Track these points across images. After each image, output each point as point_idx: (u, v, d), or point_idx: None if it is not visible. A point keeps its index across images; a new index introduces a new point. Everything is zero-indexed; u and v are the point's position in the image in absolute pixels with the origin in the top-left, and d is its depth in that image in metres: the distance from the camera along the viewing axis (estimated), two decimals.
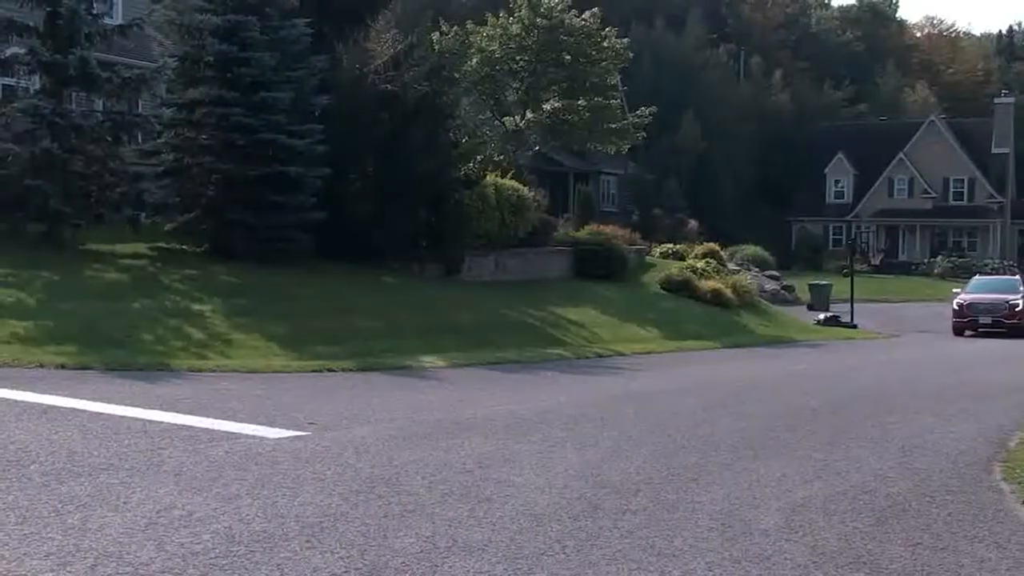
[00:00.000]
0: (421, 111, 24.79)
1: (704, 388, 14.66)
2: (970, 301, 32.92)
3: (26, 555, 5.01)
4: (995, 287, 34.33)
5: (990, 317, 32.22)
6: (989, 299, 32.82)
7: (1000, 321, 32.10)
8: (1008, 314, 32.16)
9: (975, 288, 34.48)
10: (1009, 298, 32.69)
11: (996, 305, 32.40)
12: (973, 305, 32.76)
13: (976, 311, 32.58)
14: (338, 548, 5.43)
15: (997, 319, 32.17)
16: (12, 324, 14.36)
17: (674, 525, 6.29)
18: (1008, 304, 32.38)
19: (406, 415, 10.44)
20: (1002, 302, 32.43)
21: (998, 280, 36.90)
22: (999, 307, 32.34)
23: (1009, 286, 34.18)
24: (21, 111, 20.04)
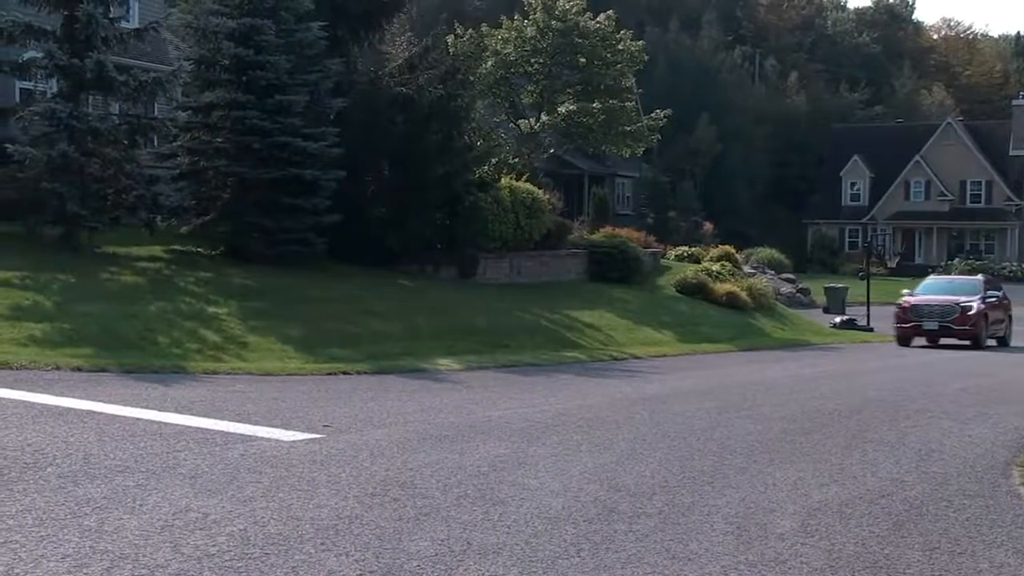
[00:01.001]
0: (436, 114, 24.82)
1: (719, 391, 14.62)
2: (915, 303, 28.05)
3: (43, 557, 5.02)
4: (949, 288, 29.39)
5: (937, 322, 27.36)
6: (938, 301, 27.86)
7: (949, 327, 27.24)
8: (960, 319, 27.22)
9: (926, 289, 29.69)
10: (962, 300, 27.65)
11: (946, 308, 27.43)
12: (918, 308, 27.78)
13: (921, 315, 27.64)
14: (353, 551, 5.43)
15: (946, 324, 27.25)
16: (29, 326, 14.42)
17: (689, 528, 6.27)
18: (960, 307, 27.37)
19: (421, 418, 10.44)
20: (952, 304, 27.45)
21: (954, 280, 32.18)
22: (949, 310, 27.34)
23: (967, 287, 29.27)
24: (38, 114, 20.14)
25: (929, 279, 32.48)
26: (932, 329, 27.45)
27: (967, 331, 27.20)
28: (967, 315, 27.23)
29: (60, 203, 19.64)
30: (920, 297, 28.50)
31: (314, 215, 22.07)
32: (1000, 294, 29.83)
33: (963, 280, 31.66)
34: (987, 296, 28.34)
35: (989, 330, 28.02)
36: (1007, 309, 30.20)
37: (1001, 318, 29.46)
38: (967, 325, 27.14)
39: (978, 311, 27.42)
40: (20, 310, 15.24)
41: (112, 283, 18.19)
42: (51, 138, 20.01)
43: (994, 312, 28.65)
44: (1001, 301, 29.58)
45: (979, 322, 27.32)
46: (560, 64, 38.36)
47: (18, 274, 17.21)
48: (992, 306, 28.53)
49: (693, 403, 12.86)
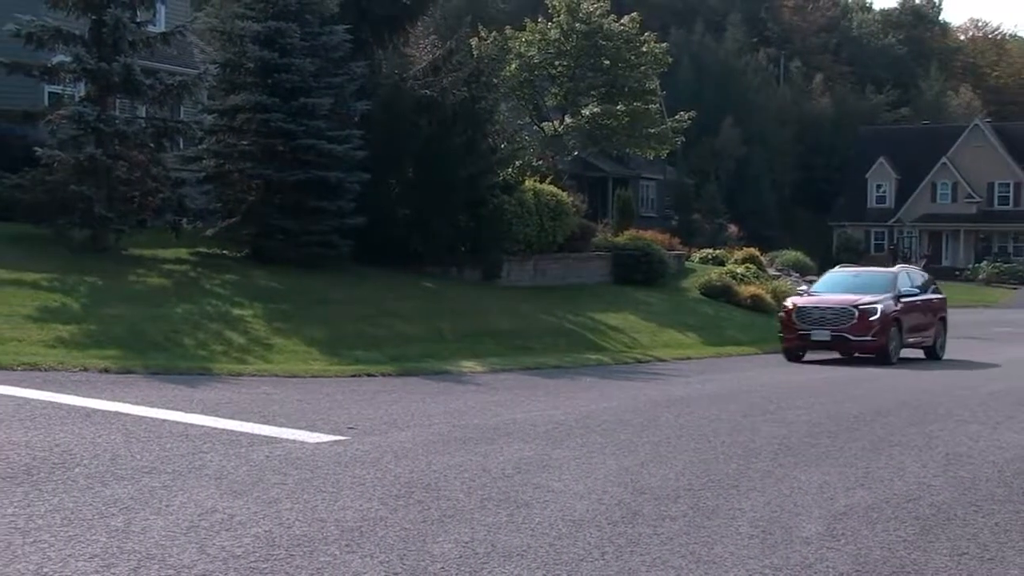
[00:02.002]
0: (460, 116, 24.85)
1: (744, 394, 14.57)
2: (802, 306, 21.78)
3: (71, 556, 5.06)
4: (853, 284, 22.93)
5: (829, 331, 21.02)
6: (832, 302, 21.56)
7: (844, 337, 20.92)
8: (858, 326, 20.78)
9: (826, 285, 23.60)
10: (864, 300, 21.22)
11: (840, 312, 21.07)
12: (805, 312, 21.48)
13: (808, 322, 21.31)
14: (378, 552, 5.44)
15: (840, 334, 20.92)
16: (57, 328, 14.52)
17: (714, 532, 6.25)
18: (858, 310, 20.89)
19: (445, 420, 10.45)
20: (847, 307, 21.07)
21: (861, 274, 24.62)
22: (844, 315, 21.01)
23: (877, 283, 22.70)
24: (67, 118, 20.29)
25: (832, 272, 25.39)
26: (822, 340, 21.17)
27: (868, 343, 20.89)
28: (868, 321, 20.82)
29: (87, 206, 19.77)
30: (810, 298, 22.47)
31: (338, 217, 22.14)
32: (927, 294, 23.71)
33: (874, 273, 24.50)
34: (903, 295, 22.02)
35: (905, 339, 21.87)
36: (938, 312, 23.84)
37: (926, 323, 23.03)
38: (867, 334, 20.77)
39: (884, 315, 20.99)
40: (48, 312, 15.36)
41: (138, 285, 18.30)
42: (79, 141, 20.16)
43: (912, 316, 22.20)
44: (928, 303, 23.43)
45: (885, 330, 20.92)
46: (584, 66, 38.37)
47: (46, 276, 17.34)
48: (910, 308, 22.12)
49: (717, 406, 12.81)
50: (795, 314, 21.63)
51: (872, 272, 24.98)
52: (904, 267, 26.21)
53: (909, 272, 24.62)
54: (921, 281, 24.12)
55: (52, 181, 19.94)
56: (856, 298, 21.52)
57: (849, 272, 24.95)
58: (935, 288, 25.01)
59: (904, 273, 23.89)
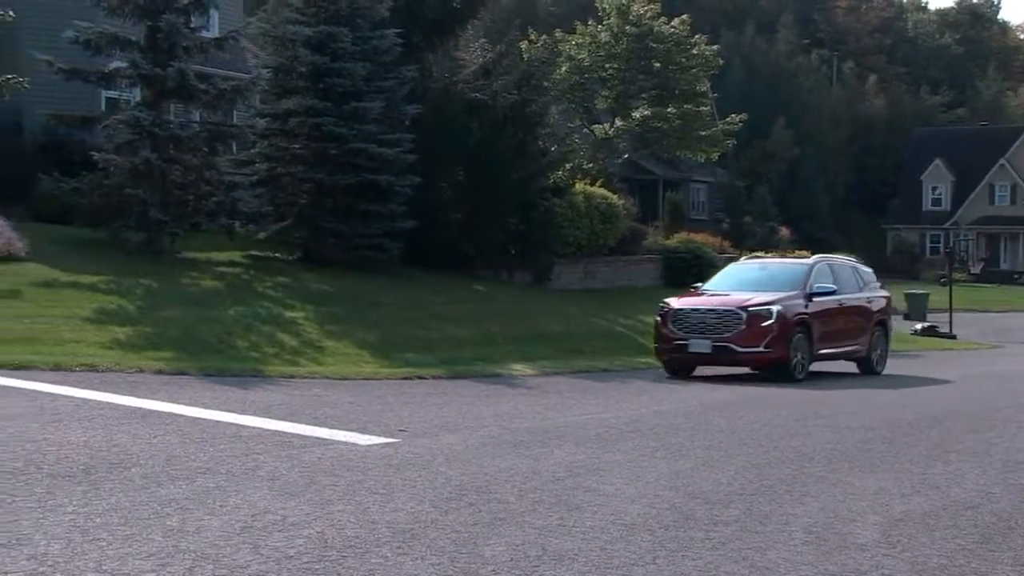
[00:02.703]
0: (510, 120, 24.90)
1: (796, 398, 14.42)
2: (680, 308, 17.25)
3: (129, 554, 5.12)
4: (758, 279, 18.31)
5: (710, 341, 16.59)
6: (716, 303, 17.22)
7: (727, 348, 16.53)
8: (746, 334, 16.45)
9: (725, 281, 18.80)
10: (755, 301, 16.88)
11: (725, 316, 16.74)
12: (682, 316, 17.04)
13: (686, 327, 16.86)
14: (429, 555, 5.45)
15: (724, 344, 16.53)
16: (114, 330, 14.73)
17: (768, 537, 6.19)
18: (748, 314, 16.55)
19: (496, 423, 10.45)
20: (734, 309, 16.73)
21: (768, 266, 19.72)
22: (729, 320, 16.66)
23: (786, 278, 18.11)
24: (123, 122, 20.59)
25: (737, 264, 20.55)
26: (702, 352, 16.71)
27: (759, 354, 16.56)
28: (759, 327, 16.45)
29: (143, 209, 20.04)
30: (691, 298, 17.91)
31: (390, 220, 22.25)
32: (858, 292, 19.12)
33: (784, 266, 19.64)
34: (816, 293, 17.54)
35: (817, 349, 17.39)
36: (873, 316, 19.28)
37: (852, 329, 18.56)
38: (758, 344, 16.43)
39: (784, 319, 16.59)
40: (105, 314, 15.59)
41: (192, 288, 18.51)
42: (135, 146, 20.45)
43: (830, 320, 17.82)
44: (857, 304, 18.89)
45: (784, 337, 16.56)
46: (634, 69, 38.27)
47: (103, 278, 17.60)
48: (826, 310, 17.70)
49: (769, 410, 12.71)
50: (671, 319, 17.02)
51: (782, 264, 20.00)
52: (827, 257, 20.32)
53: (835, 264, 19.36)
54: (852, 276, 19.37)
55: (108, 185, 20.24)
56: (746, 298, 17.01)
57: (755, 264, 19.90)
58: (876, 286, 20.41)
59: (823, 265, 18.69)
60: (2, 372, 11.69)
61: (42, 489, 6.29)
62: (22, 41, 22.94)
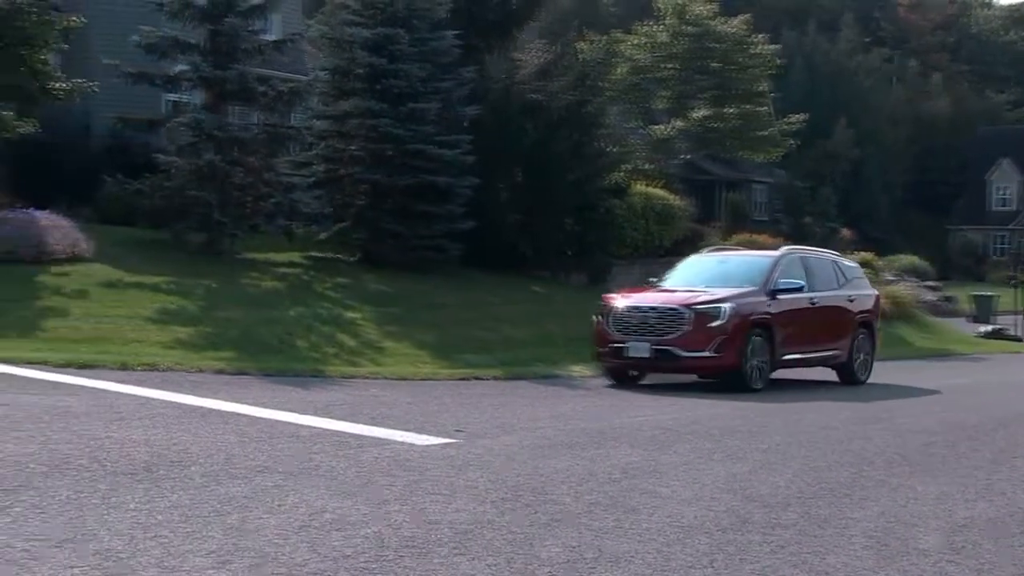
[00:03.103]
0: (568, 120, 24.87)
1: (856, 401, 14.25)
2: (621, 305, 15.18)
3: (190, 552, 5.19)
4: (715, 274, 16.22)
5: (650, 344, 14.50)
6: (658, 301, 15.10)
7: (669, 352, 14.42)
8: (691, 335, 14.37)
9: (683, 275, 16.61)
10: (702, 298, 14.80)
11: (666, 315, 14.63)
12: (621, 316, 15.00)
13: (626, 328, 14.84)
14: (485, 555, 5.46)
15: (664, 347, 14.42)
16: (176, 330, 14.94)
17: (827, 541, 6.12)
18: (694, 313, 14.47)
19: (553, 424, 10.44)
20: (677, 308, 14.62)
21: (729, 259, 17.47)
22: (672, 320, 14.55)
23: (743, 272, 16.08)
24: (185, 125, 20.87)
25: (697, 256, 18.14)
26: (640, 357, 14.73)
27: (706, 360, 14.50)
28: (707, 328, 14.39)
29: (204, 210, 20.30)
30: (631, 295, 15.72)
31: (448, 221, 22.33)
32: (836, 290, 16.83)
33: (746, 258, 17.55)
34: (781, 289, 15.40)
35: (781, 354, 15.26)
36: (853, 317, 17.04)
37: (826, 333, 16.38)
38: (705, 348, 14.34)
39: (736, 320, 14.54)
40: (167, 314, 15.82)
41: (253, 288, 18.71)
42: (196, 148, 20.72)
43: (798, 322, 15.65)
44: (834, 304, 16.65)
45: (736, 341, 14.41)
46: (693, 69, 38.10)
47: (165, 279, 17.86)
48: (793, 310, 15.55)
49: (828, 413, 12.57)
50: (609, 318, 15.04)
51: (745, 257, 17.66)
52: (799, 249, 17.91)
53: (808, 257, 17.00)
54: (831, 271, 17.07)
55: (171, 187, 20.53)
56: (693, 295, 14.95)
57: (715, 257, 17.60)
58: (862, 282, 18.03)
59: (793, 258, 16.42)
60: (69, 371, 11.91)
61: (106, 486, 6.40)
62: (91, 46, 23.34)
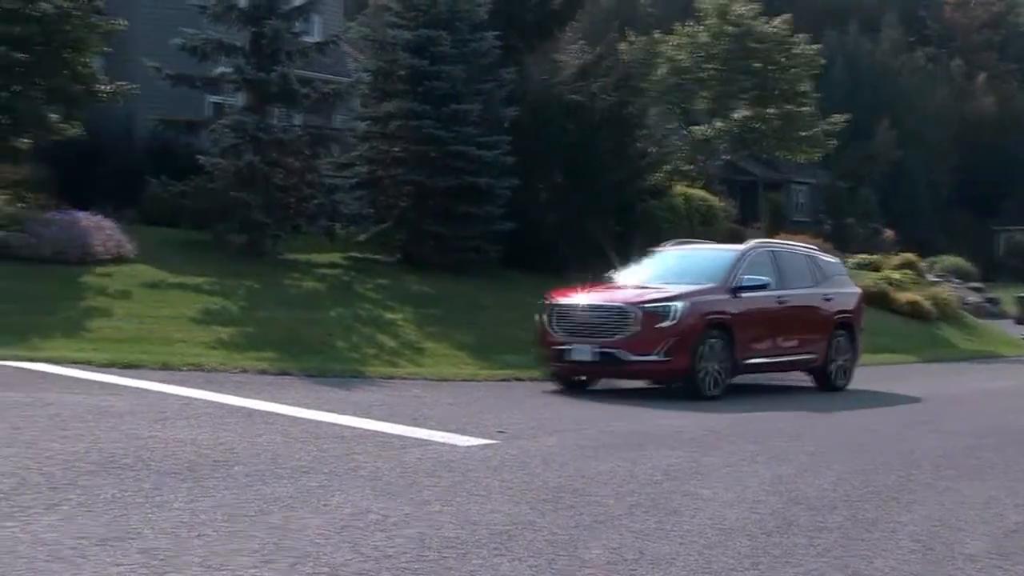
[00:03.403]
0: (608, 121, 24.81)
1: (901, 404, 14.12)
2: (564, 303, 13.86)
3: (233, 551, 5.22)
4: (671, 271, 14.73)
5: (592, 346, 13.21)
6: (602, 299, 13.76)
7: (613, 356, 13.11)
8: (637, 337, 13.07)
9: (636, 273, 15.36)
10: (650, 296, 13.49)
11: (611, 315, 13.38)
12: (563, 315, 13.71)
13: (568, 329, 13.57)
14: (527, 556, 5.45)
15: (608, 350, 13.12)
16: (218, 330, 15.06)
17: (873, 545, 6.06)
18: (641, 312, 13.15)
19: (594, 425, 10.42)
20: (623, 307, 13.33)
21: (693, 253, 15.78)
22: (616, 320, 13.30)
23: (704, 267, 14.70)
24: (228, 127, 21.02)
25: (658, 250, 16.16)
26: (583, 361, 13.40)
27: (653, 364, 13.21)
28: (654, 329, 13.09)
29: (246, 212, 20.43)
30: (575, 295, 14.06)
31: (488, 223, 22.34)
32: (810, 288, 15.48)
33: (709, 253, 15.75)
34: (744, 287, 14.09)
35: (741, 357, 13.85)
36: (831, 318, 15.68)
37: (806, 333, 15.20)
38: (652, 351, 13.07)
39: (688, 320, 13.24)
40: (210, 314, 15.94)
41: (294, 289, 18.82)
42: (239, 149, 20.85)
43: (764, 322, 14.40)
44: (806, 304, 15.34)
45: (688, 343, 13.10)
46: (734, 70, 37.88)
47: (208, 280, 18.00)
48: (757, 310, 14.27)
49: (873, 415, 12.46)
50: (552, 317, 13.73)
51: (708, 251, 16.02)
52: (769, 243, 16.64)
53: (779, 251, 15.63)
54: (806, 268, 15.76)
55: (213, 188, 20.68)
56: (642, 292, 13.68)
57: (677, 251, 15.94)
58: (843, 280, 16.67)
59: (761, 253, 15.05)
60: (113, 371, 12.03)
61: (150, 485, 6.45)
62: (134, 48, 23.56)
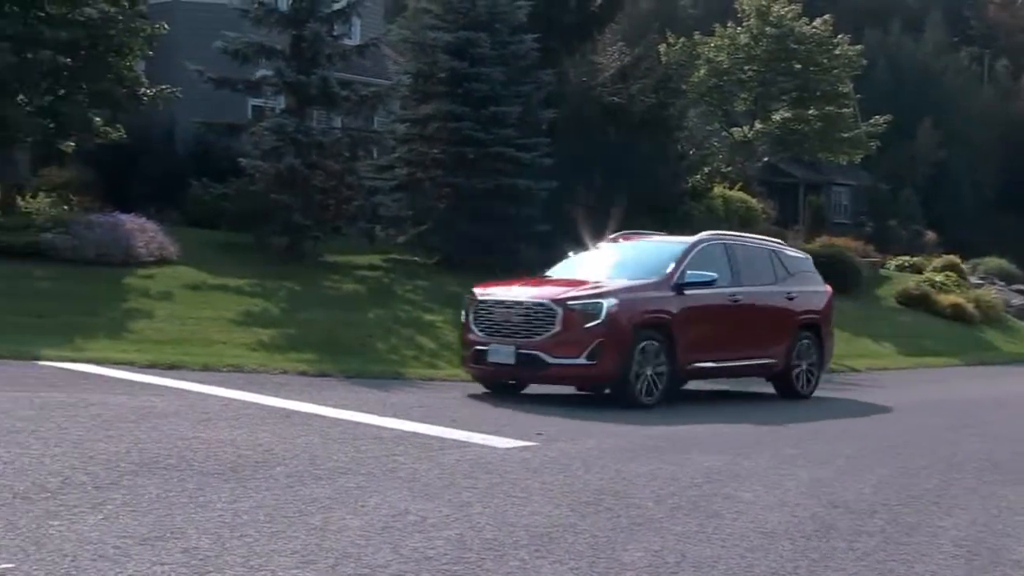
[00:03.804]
0: (648, 123, 24.76)
1: (944, 407, 13.98)
2: (486, 298, 12.61)
3: (274, 552, 5.25)
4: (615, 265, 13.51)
5: (513, 346, 11.98)
6: (526, 295, 12.35)
7: (535, 358, 11.86)
8: (560, 338, 11.83)
9: (575, 266, 14.07)
10: (576, 292, 12.17)
11: (532, 313, 12.06)
12: (484, 311, 12.49)
13: (488, 328, 12.38)
14: (567, 559, 5.45)
15: (529, 351, 11.86)
16: (259, 332, 15.16)
17: (914, 550, 6.00)
18: (564, 310, 11.86)
19: (633, 428, 10.39)
20: (545, 303, 11.99)
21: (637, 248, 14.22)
22: (538, 318, 11.99)
23: (648, 261, 13.29)
24: (268, 129, 21.18)
25: (605, 242, 15.00)
26: (503, 363, 12.14)
27: (578, 369, 11.92)
28: (580, 330, 11.81)
29: (287, 214, 20.57)
30: (497, 290, 12.79)
31: (526, 225, 22.34)
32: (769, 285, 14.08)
33: (655, 246, 14.13)
34: (689, 283, 12.68)
35: (685, 362, 12.52)
36: (794, 319, 14.24)
37: (764, 335, 13.85)
38: (577, 354, 11.78)
39: (620, 320, 11.90)
40: (250, 316, 16.06)
41: (334, 291, 18.91)
42: (279, 152, 21.00)
43: (716, 323, 13.15)
44: (764, 303, 13.96)
45: (619, 345, 11.80)
46: (774, 71, 37.65)
47: (248, 281, 18.13)
48: (709, 312, 13.03)
49: (916, 419, 12.34)
50: (472, 314, 12.61)
51: (656, 244, 14.28)
52: (723, 235, 14.69)
53: (734, 245, 14.12)
54: (766, 264, 14.30)
55: (254, 190, 20.85)
56: (569, 289, 12.28)
57: (622, 244, 14.54)
58: (810, 277, 15.12)
59: (713, 246, 13.63)
60: (155, 371, 12.15)
61: (193, 485, 6.51)
62: (175, 52, 23.80)
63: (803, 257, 15.72)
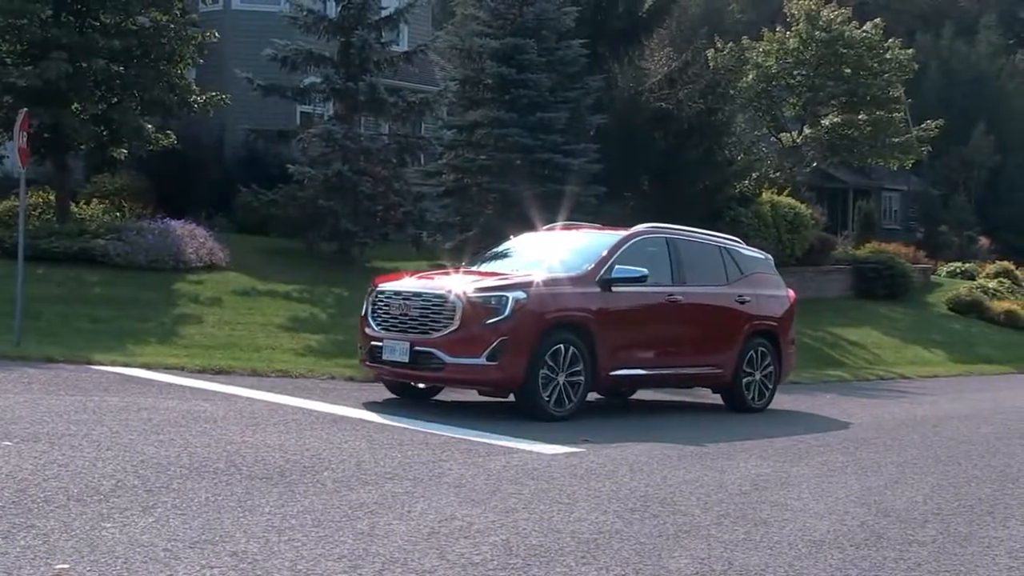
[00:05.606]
0: (696, 128, 24.63)
1: (998, 415, 13.78)
2: (385, 289, 11.43)
3: (322, 556, 5.29)
4: (535, 257, 12.17)
5: (408, 343, 10.71)
6: (426, 287, 11.20)
7: (431, 356, 10.57)
8: (459, 336, 10.51)
9: (500, 257, 12.92)
10: (480, 284, 10.87)
11: (429, 306, 10.80)
12: (382, 303, 11.30)
13: (385, 322, 11.16)
14: (613, 565, 5.44)
15: (424, 349, 10.62)
16: (307, 337, 15.27)
17: (967, 560, 5.92)
18: (466, 303, 10.54)
19: (680, 433, 10.33)
20: (444, 297, 10.70)
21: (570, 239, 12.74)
22: (437, 312, 10.70)
23: (576, 253, 11.92)
24: (317, 136, 21.34)
25: (537, 232, 14.16)
26: (397, 361, 10.89)
27: (476, 370, 10.66)
28: (482, 327, 10.58)
29: (335, 220, 20.70)
30: (399, 280, 11.77)
31: None
32: (704, 283, 12.66)
33: (588, 238, 12.67)
34: (618, 279, 11.38)
35: (606, 367, 11.14)
36: (746, 323, 12.94)
37: (708, 341, 12.55)
38: (479, 353, 10.53)
39: (528, 317, 10.63)
40: (298, 321, 16.18)
41: None
42: (327, 158, 21.15)
43: (648, 325, 11.92)
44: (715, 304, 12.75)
45: (524, 346, 10.54)
46: (824, 75, 37.31)
47: (296, 287, 18.27)
48: (640, 312, 11.80)
49: (968, 427, 12.17)
50: (371, 307, 11.50)
51: (588, 235, 12.86)
52: (665, 228, 12.81)
53: (677, 239, 12.65)
54: (716, 260, 13.05)
55: (303, 197, 21.00)
56: (472, 281, 11.06)
57: (553, 234, 13.44)
58: (768, 278, 13.86)
59: (650, 239, 12.31)
60: (204, 376, 12.27)
61: (241, 489, 6.57)
62: (226, 59, 24.05)
63: (762, 257, 14.28)
